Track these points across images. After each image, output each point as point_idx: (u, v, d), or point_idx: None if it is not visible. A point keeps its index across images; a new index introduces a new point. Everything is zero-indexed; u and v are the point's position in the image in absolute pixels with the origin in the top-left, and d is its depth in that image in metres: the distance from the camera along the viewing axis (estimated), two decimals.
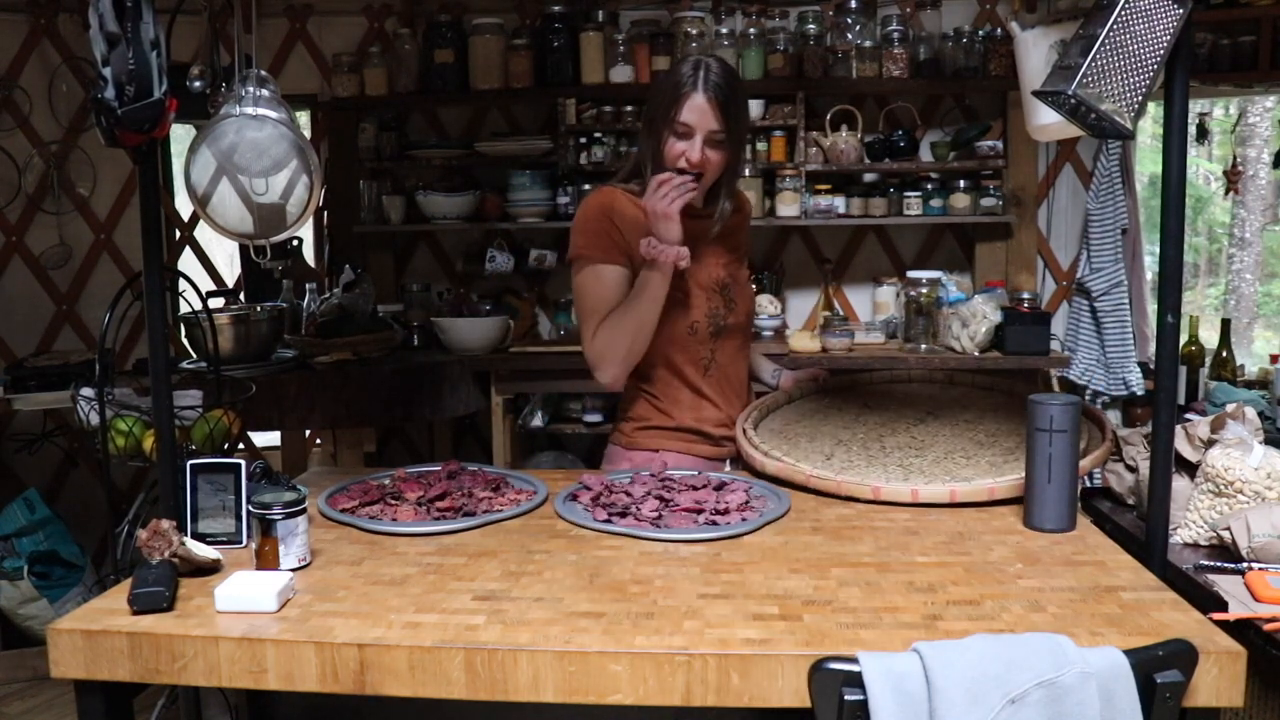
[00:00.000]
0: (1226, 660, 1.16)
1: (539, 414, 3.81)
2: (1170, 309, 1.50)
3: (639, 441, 2.06)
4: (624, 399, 2.13)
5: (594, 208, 1.96)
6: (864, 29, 3.69)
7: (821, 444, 2.01)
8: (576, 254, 1.96)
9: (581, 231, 1.96)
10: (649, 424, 2.06)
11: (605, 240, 1.94)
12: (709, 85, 1.87)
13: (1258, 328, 9.30)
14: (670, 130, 1.90)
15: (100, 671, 1.29)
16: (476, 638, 1.23)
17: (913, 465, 1.88)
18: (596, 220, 1.95)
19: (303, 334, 3.48)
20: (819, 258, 4.02)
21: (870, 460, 1.91)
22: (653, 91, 1.97)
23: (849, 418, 2.15)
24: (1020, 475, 1.69)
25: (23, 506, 3.43)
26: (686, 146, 1.89)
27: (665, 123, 1.90)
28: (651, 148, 1.95)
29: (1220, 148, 8.03)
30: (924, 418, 2.08)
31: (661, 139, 1.92)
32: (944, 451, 1.92)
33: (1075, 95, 1.42)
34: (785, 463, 1.86)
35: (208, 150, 1.80)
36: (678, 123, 1.89)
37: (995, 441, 1.95)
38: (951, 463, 1.87)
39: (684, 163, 1.89)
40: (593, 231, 1.94)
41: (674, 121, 1.89)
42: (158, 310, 1.62)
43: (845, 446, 1.98)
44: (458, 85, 3.81)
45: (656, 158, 1.94)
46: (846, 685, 1.11)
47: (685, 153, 1.89)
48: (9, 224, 3.91)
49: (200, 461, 1.60)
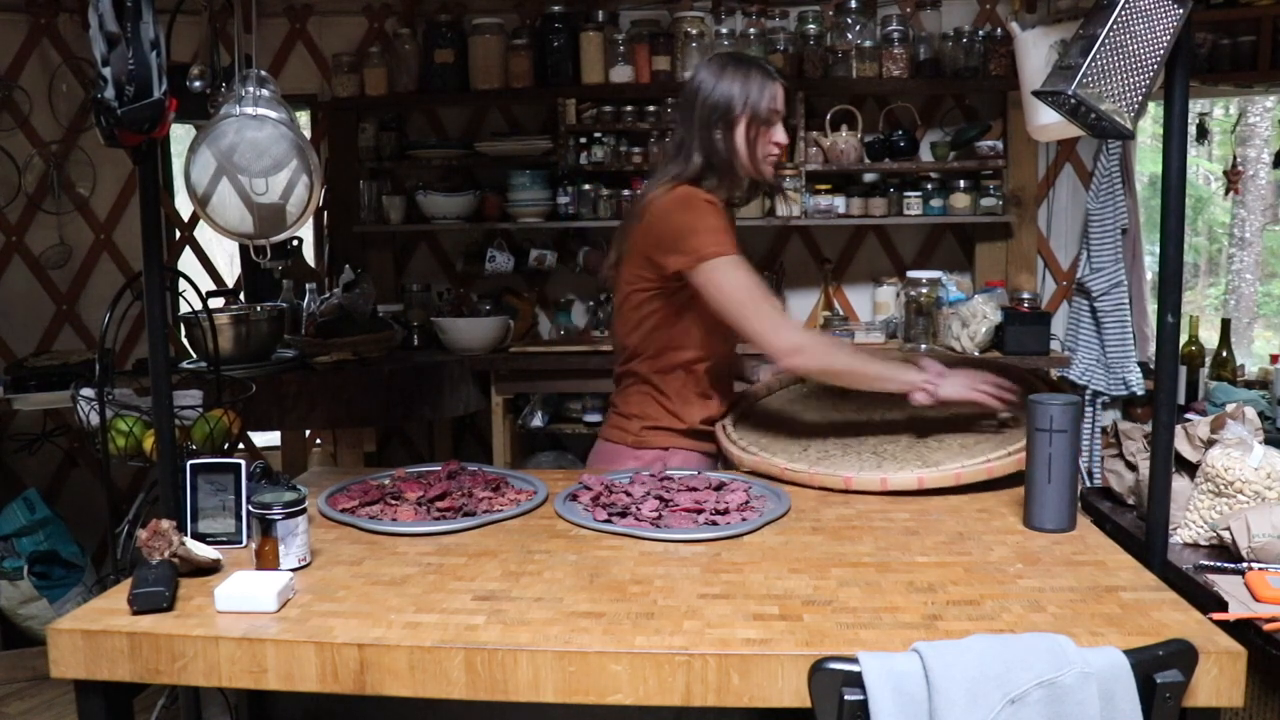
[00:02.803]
0: (1226, 660, 1.16)
1: (539, 414, 3.81)
2: (1170, 309, 1.50)
3: (648, 440, 2.07)
4: (625, 397, 2.13)
5: (705, 206, 1.95)
6: (864, 29, 3.69)
7: (799, 436, 2.04)
8: (715, 251, 1.90)
9: (707, 230, 1.92)
10: (658, 424, 2.07)
11: (729, 235, 1.95)
12: (778, 75, 2.01)
13: (1258, 328, 9.29)
14: (764, 121, 1.99)
15: (100, 671, 1.29)
16: (476, 638, 1.23)
17: (886, 452, 1.91)
18: (715, 217, 1.95)
19: (303, 334, 3.48)
20: (819, 258, 4.02)
21: (845, 449, 1.95)
22: (718, 94, 1.98)
23: (827, 407, 2.19)
24: (987, 457, 1.77)
25: (23, 506, 3.43)
26: (778, 133, 2.00)
27: (752, 116, 1.97)
28: (727, 143, 1.98)
29: (1220, 148, 8.03)
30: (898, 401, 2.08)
31: (748, 132, 1.98)
32: (917, 436, 1.97)
33: (1075, 95, 1.42)
34: (761, 457, 1.91)
35: (208, 150, 1.81)
36: (772, 112, 1.99)
37: (971, 423, 1.97)
38: (924, 447, 1.91)
39: (775, 148, 2.01)
40: (718, 228, 1.93)
41: (770, 111, 1.98)
42: (158, 310, 1.62)
43: (822, 437, 2.03)
44: (458, 85, 3.81)
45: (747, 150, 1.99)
46: (846, 685, 1.11)
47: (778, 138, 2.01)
48: (9, 224, 3.91)
49: (200, 461, 1.60)
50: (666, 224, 1.94)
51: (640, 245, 1.98)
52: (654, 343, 2.04)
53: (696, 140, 1.98)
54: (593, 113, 3.81)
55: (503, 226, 3.90)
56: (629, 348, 2.09)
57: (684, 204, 1.94)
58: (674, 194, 1.96)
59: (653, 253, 1.96)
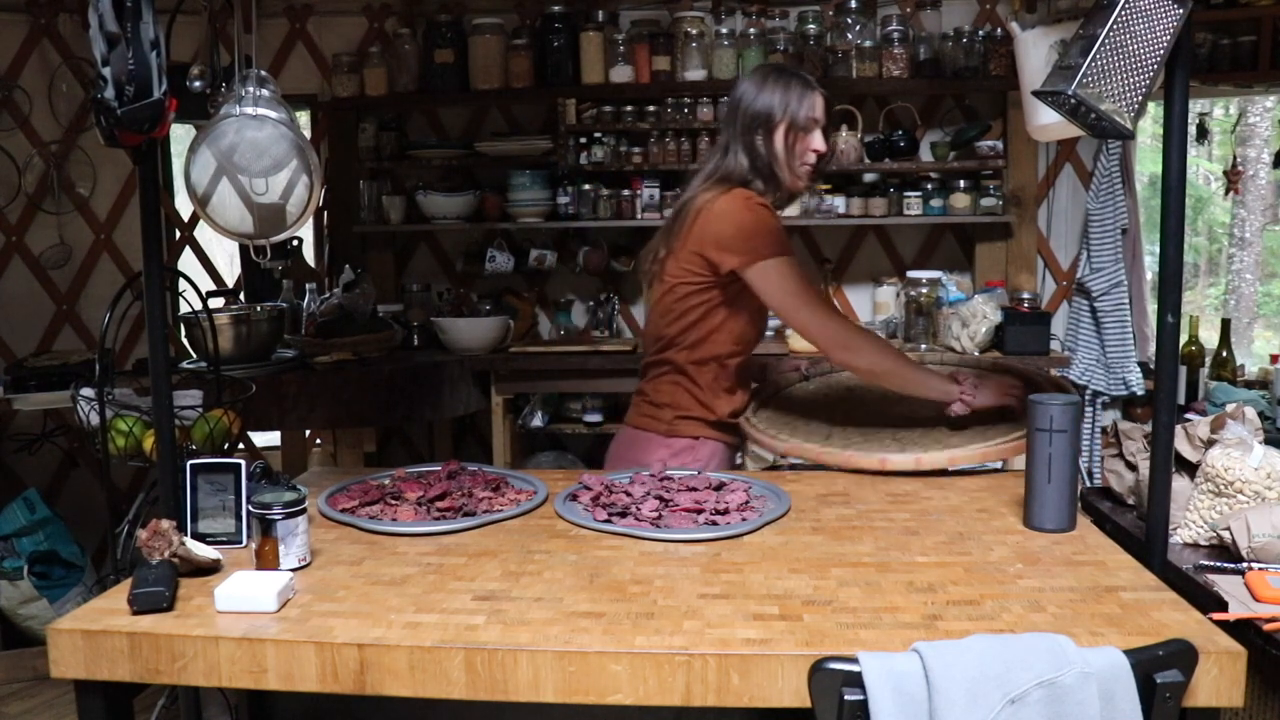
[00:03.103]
0: (1226, 660, 1.16)
1: (539, 414, 3.81)
2: (1170, 309, 1.50)
3: (679, 429, 2.14)
4: (656, 386, 2.18)
5: (762, 210, 2.05)
6: (864, 29, 3.69)
7: (822, 425, 2.12)
8: (773, 251, 2.01)
9: (766, 231, 2.02)
10: (689, 414, 2.14)
11: (784, 235, 2.05)
12: (818, 86, 2.12)
13: (1258, 328, 9.29)
14: (802, 128, 2.09)
15: (100, 671, 1.29)
16: (476, 638, 1.23)
17: (905, 438, 1.98)
18: (773, 219, 2.06)
19: (303, 334, 3.49)
20: (819, 258, 4.02)
21: (866, 436, 2.02)
22: (760, 103, 2.08)
23: (841, 400, 2.26)
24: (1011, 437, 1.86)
25: (23, 506, 3.43)
26: (815, 140, 2.10)
27: (790, 124, 2.07)
28: (766, 148, 2.08)
29: (1220, 148, 8.03)
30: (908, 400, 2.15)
31: (786, 138, 2.08)
32: (931, 425, 2.04)
33: (1075, 95, 1.42)
34: (793, 442, 1.99)
35: (208, 150, 1.80)
36: (811, 120, 2.09)
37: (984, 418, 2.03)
38: (941, 433, 1.99)
39: (812, 154, 2.11)
40: (776, 229, 2.04)
41: (808, 120, 2.08)
42: (158, 310, 1.62)
43: (842, 426, 2.10)
44: (458, 85, 3.81)
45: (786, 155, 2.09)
46: (846, 685, 1.11)
47: (816, 145, 2.12)
48: (9, 224, 3.91)
49: (200, 461, 1.60)
50: (725, 224, 2.02)
51: (693, 243, 2.05)
52: (693, 335, 2.11)
53: (740, 145, 2.09)
54: (593, 113, 3.81)
55: (503, 226, 3.90)
56: (665, 337, 2.14)
57: (742, 205, 2.03)
58: (730, 196, 2.05)
59: (708, 250, 2.03)
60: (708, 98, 3.74)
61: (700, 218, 2.05)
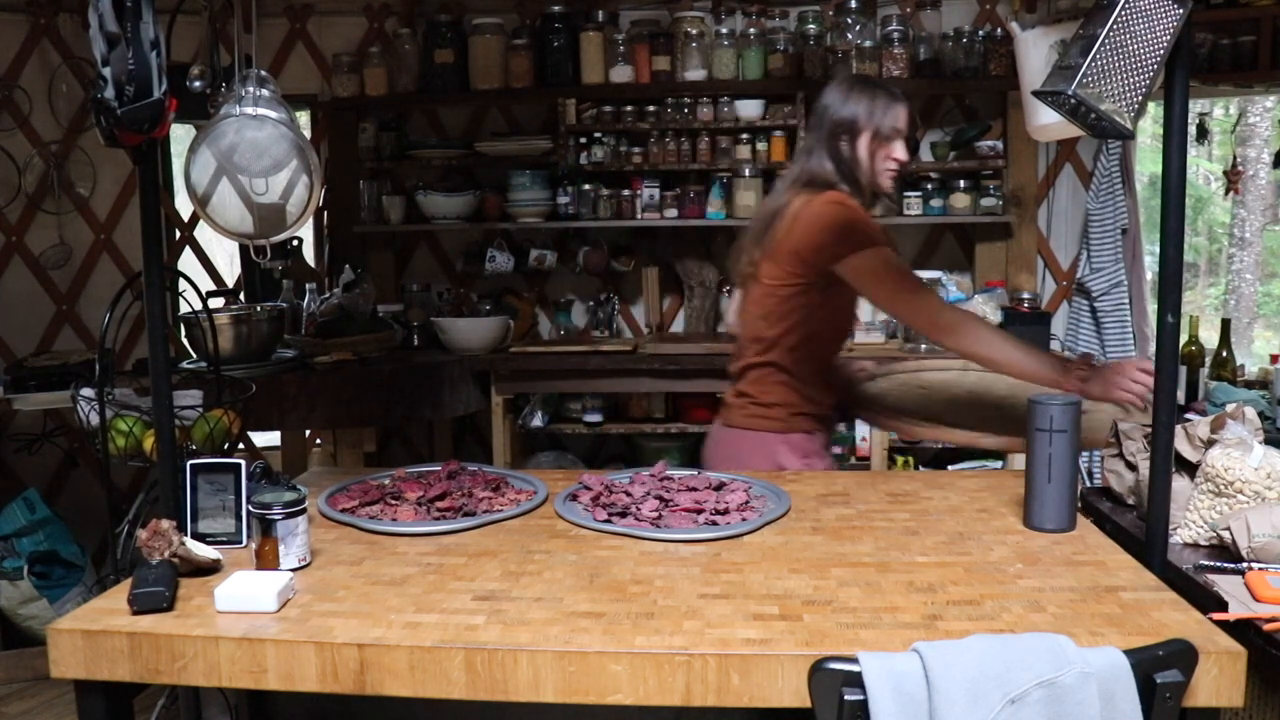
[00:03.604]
0: (1226, 660, 1.16)
1: (539, 414, 3.81)
2: (1170, 309, 1.50)
3: (795, 425, 2.19)
4: (762, 387, 2.20)
5: (855, 208, 2.11)
6: (864, 29, 3.69)
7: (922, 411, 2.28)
8: (872, 241, 2.07)
9: (865, 226, 2.08)
10: (801, 410, 2.19)
11: (879, 229, 2.11)
12: (902, 97, 2.21)
13: (1258, 328, 9.29)
14: (885, 138, 2.17)
15: (100, 671, 1.29)
16: (476, 638, 1.23)
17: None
18: (863, 214, 2.12)
19: (303, 334, 3.49)
20: None
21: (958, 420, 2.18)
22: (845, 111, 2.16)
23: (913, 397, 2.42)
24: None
25: (23, 506, 3.43)
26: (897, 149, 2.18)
27: (875, 133, 2.16)
28: (851, 155, 2.16)
29: (1220, 148, 8.02)
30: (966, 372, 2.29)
31: (870, 146, 2.17)
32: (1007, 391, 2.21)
33: (1075, 95, 1.42)
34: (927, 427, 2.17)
35: (208, 150, 1.80)
36: (894, 130, 2.17)
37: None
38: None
39: (894, 162, 2.19)
40: (868, 223, 2.11)
41: (892, 130, 2.17)
42: (158, 310, 1.62)
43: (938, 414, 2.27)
44: (458, 85, 3.81)
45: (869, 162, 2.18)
46: (846, 685, 1.10)
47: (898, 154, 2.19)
48: (9, 224, 3.90)
49: (200, 461, 1.60)
50: (820, 224, 2.08)
51: (790, 245, 2.10)
52: (797, 335, 2.15)
53: (824, 150, 2.17)
54: (593, 113, 3.81)
55: (503, 226, 3.90)
56: (767, 339, 2.17)
57: (837, 206, 2.09)
58: (823, 198, 2.11)
59: (806, 252, 2.08)
60: (708, 98, 3.74)
61: (796, 221, 2.10)
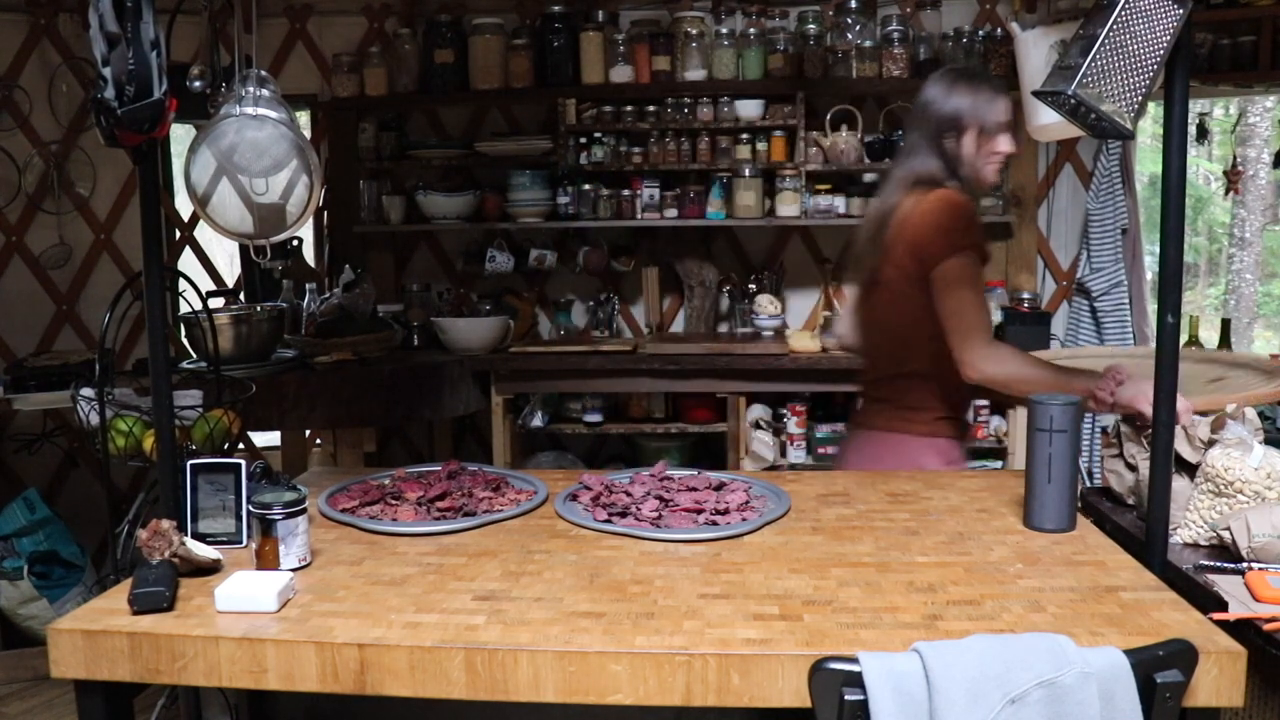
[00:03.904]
0: (1226, 660, 1.16)
1: (539, 414, 3.81)
2: (1170, 309, 1.50)
3: (940, 430, 2.18)
4: (905, 392, 2.18)
5: (969, 206, 2.10)
6: (864, 29, 3.69)
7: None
8: (972, 246, 2.05)
9: (971, 229, 2.07)
10: (944, 415, 2.18)
11: (983, 236, 2.10)
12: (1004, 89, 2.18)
13: (1258, 328, 9.30)
14: (995, 132, 2.14)
15: (100, 671, 1.29)
16: (476, 638, 1.23)
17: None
18: (975, 216, 2.12)
19: (303, 334, 3.48)
20: (819, 258, 4.02)
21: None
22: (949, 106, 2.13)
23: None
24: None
25: (23, 506, 3.43)
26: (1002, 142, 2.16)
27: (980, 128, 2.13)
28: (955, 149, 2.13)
29: (1220, 148, 8.03)
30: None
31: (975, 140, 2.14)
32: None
33: (1075, 95, 1.42)
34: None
35: (208, 150, 1.80)
36: (998, 124, 2.14)
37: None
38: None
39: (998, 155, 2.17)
40: (978, 228, 2.10)
41: (997, 124, 2.14)
42: (158, 310, 1.62)
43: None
44: (458, 85, 3.81)
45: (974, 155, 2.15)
46: (847, 685, 1.11)
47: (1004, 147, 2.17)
48: (9, 224, 3.90)
49: (200, 461, 1.60)
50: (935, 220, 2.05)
51: (906, 242, 2.08)
52: (933, 334, 2.08)
53: (930, 147, 2.15)
54: (593, 113, 3.81)
55: (503, 226, 3.90)
56: (906, 342, 2.15)
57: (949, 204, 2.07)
58: (937, 194, 2.08)
59: (922, 248, 2.06)
60: (708, 98, 3.74)
61: (909, 219, 2.08)
